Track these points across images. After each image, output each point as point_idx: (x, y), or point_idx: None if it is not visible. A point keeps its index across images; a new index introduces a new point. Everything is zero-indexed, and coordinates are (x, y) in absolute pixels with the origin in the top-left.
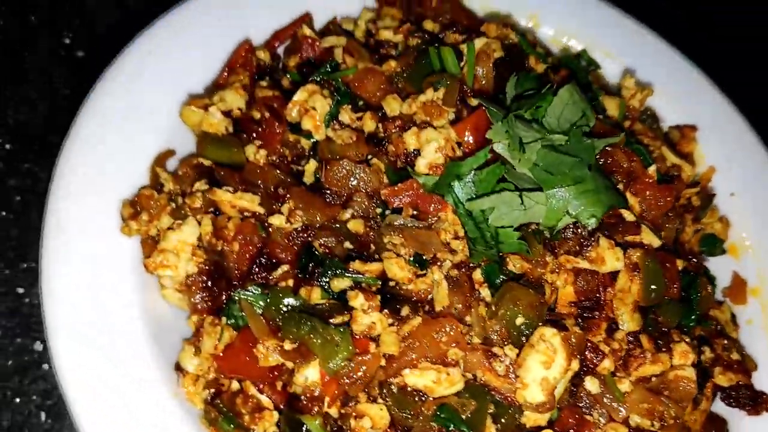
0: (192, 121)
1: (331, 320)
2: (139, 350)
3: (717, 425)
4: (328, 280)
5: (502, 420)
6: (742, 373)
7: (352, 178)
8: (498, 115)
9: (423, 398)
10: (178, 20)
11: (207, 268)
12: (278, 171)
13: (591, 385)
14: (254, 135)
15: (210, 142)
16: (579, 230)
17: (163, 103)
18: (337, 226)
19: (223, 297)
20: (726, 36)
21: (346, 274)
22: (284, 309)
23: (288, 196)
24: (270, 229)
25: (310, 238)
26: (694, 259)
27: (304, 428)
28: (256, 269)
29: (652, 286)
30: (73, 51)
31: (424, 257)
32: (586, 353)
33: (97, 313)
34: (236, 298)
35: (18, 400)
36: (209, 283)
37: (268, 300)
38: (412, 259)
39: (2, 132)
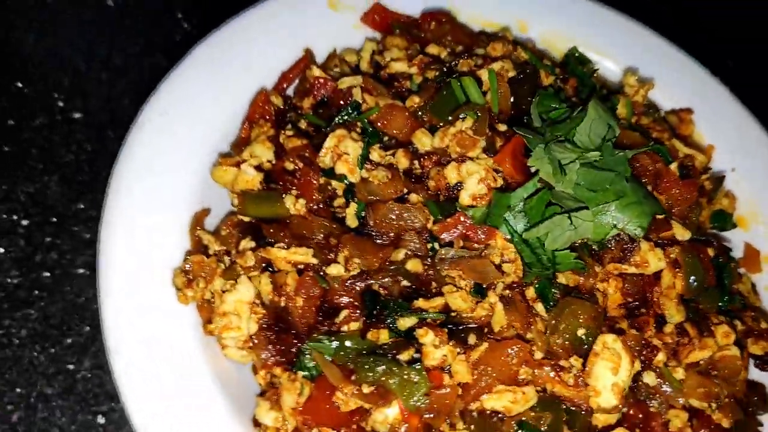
0: (224, 180)
1: (398, 357)
2: (217, 411)
3: (757, 391)
4: (394, 320)
5: (577, 425)
6: None
7: (399, 219)
8: (534, 141)
9: (502, 419)
10: (183, 78)
11: (268, 323)
12: (323, 219)
13: (649, 378)
14: (289, 185)
15: (249, 199)
16: (620, 237)
17: (187, 163)
18: (393, 267)
19: (293, 350)
20: (726, 36)
21: (412, 314)
22: (353, 353)
23: (341, 244)
24: (327, 279)
25: (369, 281)
26: (716, 242)
27: None
28: (320, 318)
29: (693, 279)
30: (68, 113)
31: (483, 286)
32: (642, 350)
33: (169, 383)
34: (306, 349)
35: None
36: (274, 338)
37: (338, 346)
38: (472, 290)
39: (16, 208)
